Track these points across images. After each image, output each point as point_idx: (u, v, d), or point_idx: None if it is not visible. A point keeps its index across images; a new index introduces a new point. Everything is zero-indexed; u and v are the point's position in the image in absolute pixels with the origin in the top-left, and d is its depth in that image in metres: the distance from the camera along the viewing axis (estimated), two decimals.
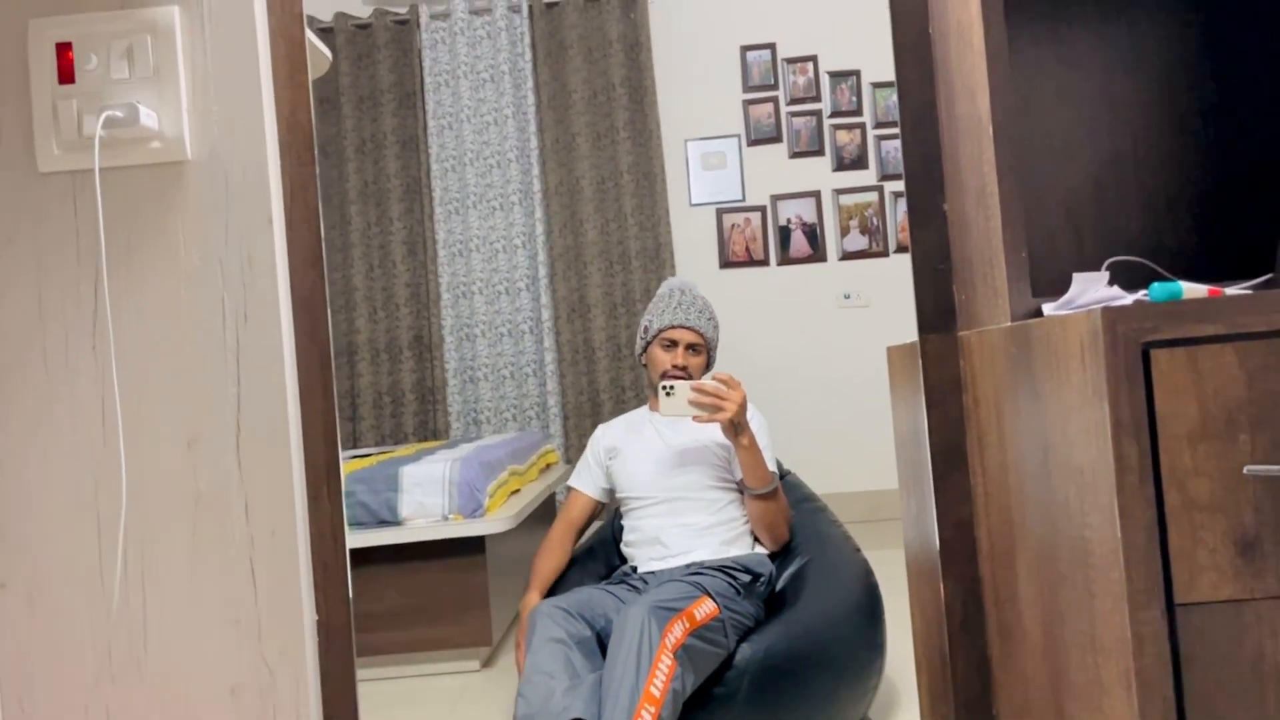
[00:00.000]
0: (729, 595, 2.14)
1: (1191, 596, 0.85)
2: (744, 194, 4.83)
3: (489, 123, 4.80)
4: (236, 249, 1.24)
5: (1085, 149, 1.30)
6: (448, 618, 2.84)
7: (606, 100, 4.77)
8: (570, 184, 4.78)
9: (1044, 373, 0.99)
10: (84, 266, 1.23)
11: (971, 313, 1.23)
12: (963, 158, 1.19)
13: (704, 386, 2.23)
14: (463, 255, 4.80)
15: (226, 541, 1.23)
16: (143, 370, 1.23)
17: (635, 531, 2.44)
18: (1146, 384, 0.86)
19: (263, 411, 1.23)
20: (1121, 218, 1.30)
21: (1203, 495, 0.85)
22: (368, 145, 4.83)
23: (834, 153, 4.80)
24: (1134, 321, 0.86)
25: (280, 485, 1.23)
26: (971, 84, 1.13)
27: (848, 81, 4.79)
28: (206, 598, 1.23)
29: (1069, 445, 0.95)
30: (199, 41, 1.23)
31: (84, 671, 1.23)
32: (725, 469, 2.42)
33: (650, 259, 4.73)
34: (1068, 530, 0.97)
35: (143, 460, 1.23)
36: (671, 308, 2.47)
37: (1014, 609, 1.15)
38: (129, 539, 1.23)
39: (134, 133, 1.19)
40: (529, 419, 4.78)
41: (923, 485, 1.38)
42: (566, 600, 2.10)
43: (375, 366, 4.78)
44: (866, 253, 4.77)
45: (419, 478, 2.90)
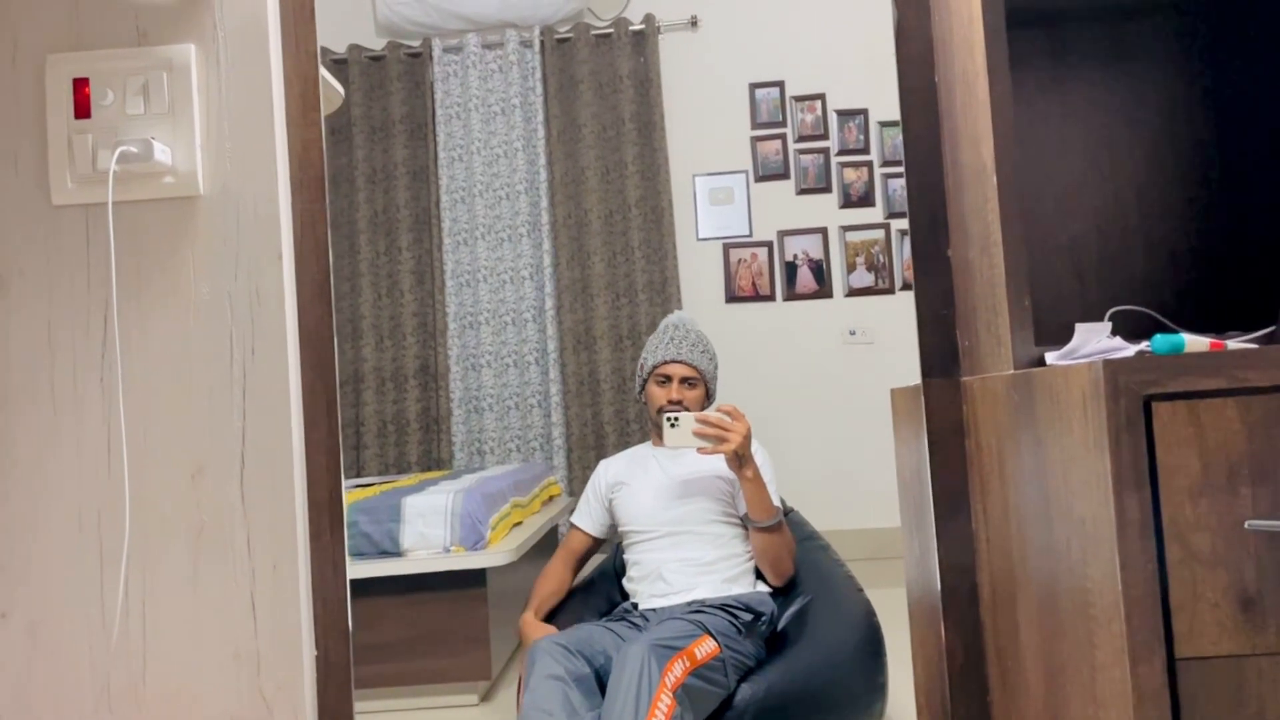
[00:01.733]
0: (730, 634, 2.13)
1: (1192, 651, 0.85)
2: (751, 229, 4.85)
3: (499, 155, 4.84)
4: (245, 283, 1.25)
5: (1088, 197, 1.30)
6: (447, 650, 2.82)
7: (616, 135, 4.80)
8: (578, 217, 4.80)
9: (1046, 422, 0.99)
10: (94, 298, 1.24)
11: (975, 358, 1.23)
12: (967, 205, 1.20)
13: (708, 418, 2.23)
14: (470, 285, 4.83)
15: (228, 574, 1.23)
16: (149, 401, 1.24)
17: (637, 566, 2.43)
18: (1148, 436, 0.86)
19: (267, 445, 1.23)
20: (1124, 265, 1.31)
21: (1204, 549, 0.85)
22: (378, 175, 4.86)
23: (841, 190, 4.83)
24: (1136, 374, 0.86)
25: (283, 519, 1.23)
26: (976, 133, 1.14)
27: (855, 120, 4.83)
28: (206, 630, 1.23)
29: (1070, 495, 0.95)
30: (214, 79, 1.25)
31: (83, 702, 1.23)
32: (729, 503, 2.41)
33: (657, 292, 4.74)
34: (1068, 580, 0.97)
35: (146, 491, 1.23)
36: (664, 343, 2.49)
37: (1015, 656, 1.15)
38: (131, 569, 1.23)
39: (148, 168, 1.21)
40: (533, 450, 4.78)
41: (925, 528, 1.37)
42: (566, 637, 2.09)
43: (380, 395, 4.79)
44: (872, 289, 4.78)
45: (421, 509, 2.89)
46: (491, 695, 2.98)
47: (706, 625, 2.10)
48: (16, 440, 1.24)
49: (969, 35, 1.14)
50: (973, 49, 1.13)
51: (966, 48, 1.15)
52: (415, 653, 2.81)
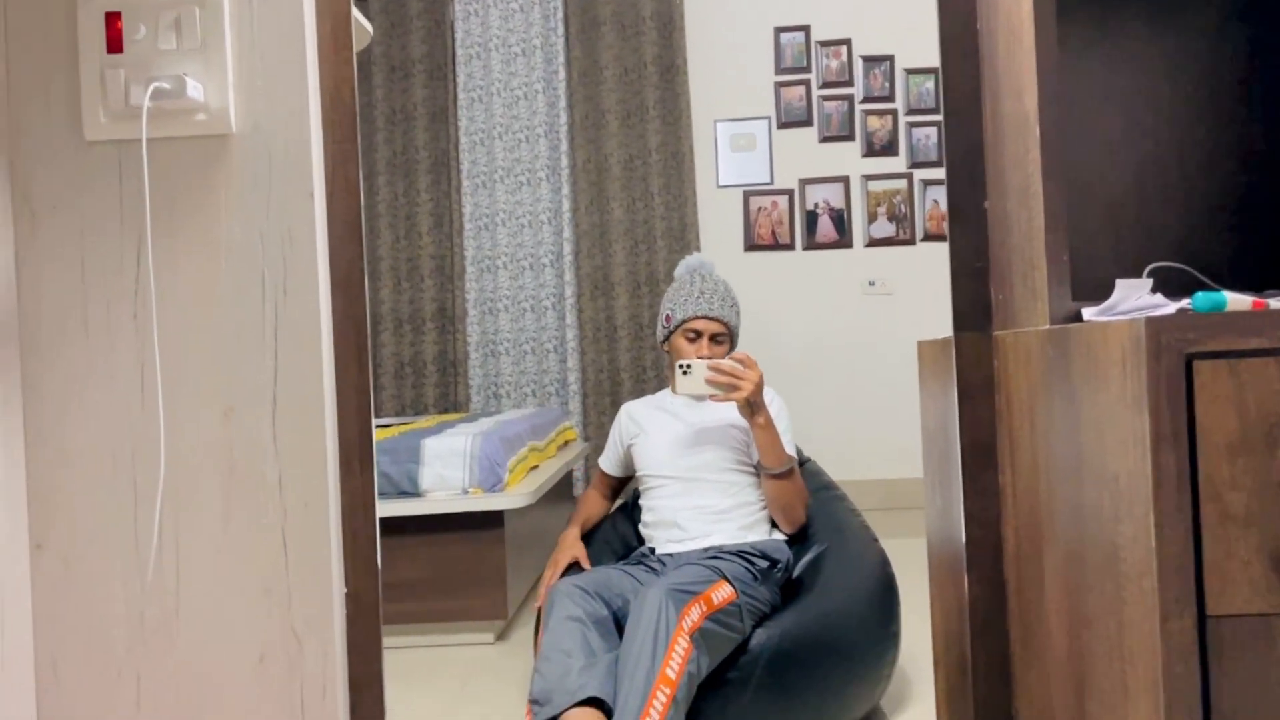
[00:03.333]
0: (746, 580, 2.15)
1: (1223, 609, 0.85)
2: (772, 177, 4.81)
3: (519, 97, 4.79)
4: (277, 223, 1.24)
5: (1129, 151, 1.29)
6: (464, 590, 2.87)
7: (638, 78, 4.75)
8: (598, 161, 4.77)
9: (1081, 378, 0.99)
10: (127, 235, 1.24)
11: (1008, 312, 1.22)
12: (1006, 156, 1.19)
13: (721, 366, 2.23)
14: (489, 229, 4.81)
15: (260, 512, 1.24)
16: (182, 339, 1.25)
17: (652, 512, 2.45)
18: (1188, 395, 0.86)
19: (299, 384, 1.24)
20: (1163, 222, 1.29)
21: (1239, 508, 0.85)
22: (398, 116, 4.83)
23: (864, 138, 4.77)
24: (1178, 332, 0.85)
25: (314, 457, 1.24)
26: (1019, 83, 1.12)
27: (881, 67, 4.76)
28: (238, 567, 1.25)
29: (1104, 452, 0.95)
30: (246, 15, 1.24)
31: (117, 636, 1.25)
32: (744, 452, 2.42)
33: (675, 239, 4.72)
34: (1098, 536, 0.97)
35: (179, 429, 1.24)
36: (694, 296, 2.46)
37: (1038, 610, 1.16)
38: (165, 506, 1.24)
39: (180, 104, 1.20)
40: (548, 395, 4.80)
41: (950, 482, 1.38)
42: (585, 579, 2.11)
43: (398, 337, 4.80)
44: (893, 240, 4.75)
45: (441, 450, 2.92)
46: (507, 634, 3.03)
47: (723, 571, 2.12)
48: (50, 375, 1.25)
49: None
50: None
51: None
52: (433, 591, 2.85)
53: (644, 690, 1.80)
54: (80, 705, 1.25)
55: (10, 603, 1.22)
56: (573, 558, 2.37)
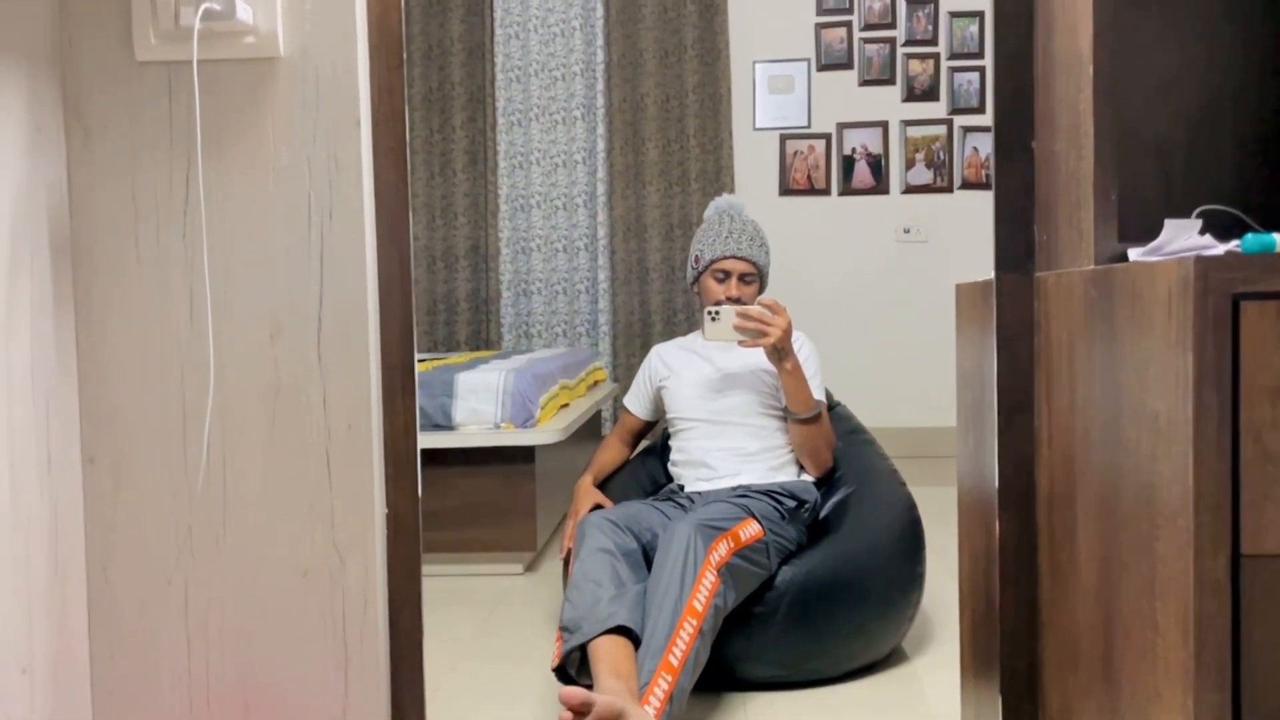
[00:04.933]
0: (773, 519, 2.17)
1: (1258, 548, 0.86)
2: (810, 120, 4.75)
3: (556, 34, 4.74)
4: (324, 148, 1.26)
5: (1181, 92, 1.27)
6: (495, 522, 2.92)
7: (676, 16, 4.68)
8: (634, 101, 4.73)
9: (1125, 318, 0.99)
10: (177, 156, 1.26)
11: (1052, 253, 1.22)
12: (1056, 95, 1.18)
13: (749, 311, 2.23)
14: (523, 168, 4.80)
15: (304, 432, 1.27)
16: (230, 262, 1.27)
17: (681, 452, 2.48)
18: (1233, 335, 0.86)
19: (343, 308, 1.26)
20: (1213, 165, 1.28)
21: (1278, 448, 0.85)
22: (434, 51, 4.79)
23: (905, 82, 4.70)
24: (1226, 272, 0.85)
25: (358, 381, 1.27)
26: (1073, 19, 1.11)
27: (925, 9, 4.66)
28: (283, 485, 1.28)
29: (1144, 392, 0.95)
30: None
31: (165, 547, 1.29)
32: (773, 396, 2.43)
33: (710, 181, 4.69)
34: (1135, 475, 0.98)
35: (227, 349, 1.27)
36: (723, 236, 2.45)
37: (1069, 549, 1.17)
38: (213, 424, 1.28)
39: (230, 26, 1.21)
40: (579, 335, 4.82)
41: (984, 423, 1.38)
42: (615, 513, 2.15)
43: (431, 274, 4.83)
44: (930, 187, 4.70)
45: (474, 385, 2.95)
46: (535, 566, 3.08)
47: (751, 509, 2.14)
48: (102, 293, 1.27)
49: None
50: None
51: None
52: (465, 522, 2.91)
53: (671, 620, 1.84)
54: (130, 611, 1.30)
55: (64, 514, 1.26)
56: (592, 504, 2.40)
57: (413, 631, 1.32)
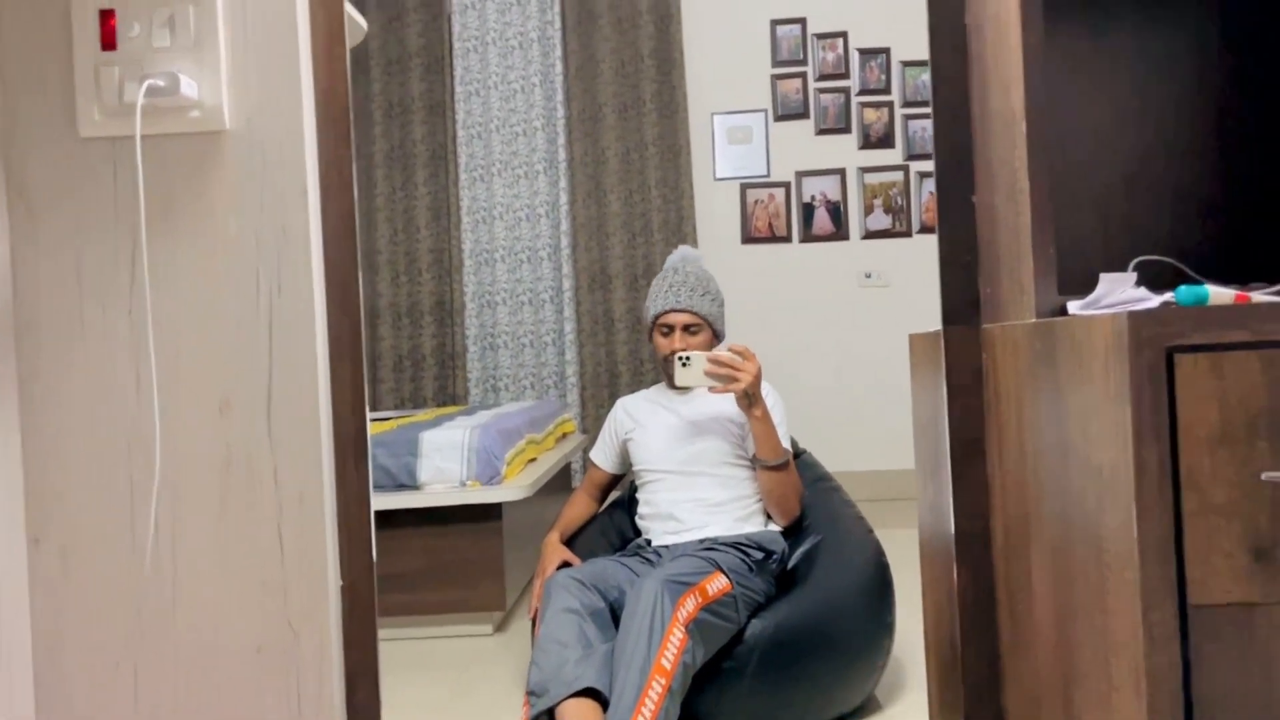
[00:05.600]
0: (741, 571, 2.16)
1: (1205, 599, 0.86)
2: (769, 169, 4.81)
3: (516, 90, 4.79)
4: (272, 219, 1.25)
5: (1117, 146, 1.29)
6: (462, 582, 2.88)
7: (634, 71, 4.75)
8: (595, 154, 4.77)
9: (1067, 371, 1.00)
10: (122, 231, 1.25)
11: (996, 306, 1.23)
12: (994, 151, 1.20)
13: (719, 357, 2.25)
14: (486, 222, 4.82)
15: (255, 505, 1.26)
16: (177, 336, 1.25)
17: (649, 505, 2.47)
18: (1169, 387, 0.87)
19: (294, 379, 1.25)
20: (1150, 216, 1.30)
21: (1220, 500, 0.86)
22: (395, 109, 4.83)
23: (861, 130, 4.78)
24: (1159, 326, 0.86)
25: (309, 452, 1.25)
26: (1007, 78, 1.13)
27: (877, 59, 4.76)
28: (234, 560, 1.26)
29: (1089, 444, 0.96)
30: (239, 12, 1.25)
31: (114, 628, 1.26)
32: (739, 445, 2.43)
33: (673, 232, 4.73)
34: (1084, 527, 0.98)
35: (175, 424, 1.25)
36: (664, 291, 2.48)
37: (1026, 601, 1.17)
38: (161, 500, 1.25)
39: (174, 101, 1.21)
40: (547, 388, 4.81)
41: (940, 473, 1.39)
42: (581, 571, 2.13)
43: (396, 330, 4.81)
44: (890, 232, 4.76)
45: (439, 443, 2.93)
46: (505, 625, 3.04)
47: (719, 562, 2.13)
48: (46, 371, 1.26)
49: None
50: None
51: None
52: (432, 583, 2.87)
53: (640, 680, 1.82)
54: (79, 696, 1.26)
55: (8, 596, 1.23)
56: (559, 561, 2.38)
57: (370, 705, 1.30)
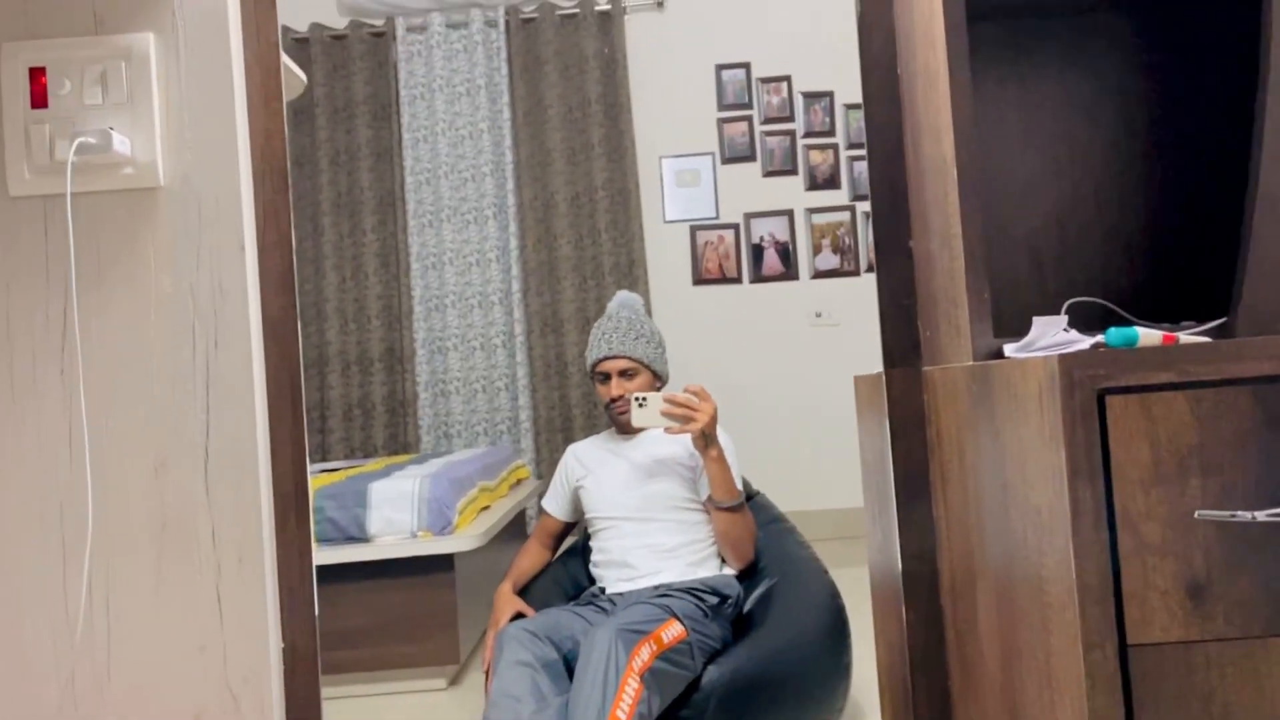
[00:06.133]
0: (696, 618, 2.15)
1: (1144, 638, 0.87)
2: (718, 211, 4.86)
3: (464, 136, 4.80)
4: (208, 275, 1.24)
5: (1047, 190, 1.32)
6: (415, 636, 2.83)
7: (582, 116, 4.78)
8: (545, 199, 4.79)
9: (1004, 413, 1.01)
10: (54, 290, 1.23)
11: (936, 348, 1.25)
12: (928, 197, 1.22)
13: (675, 398, 2.25)
14: (436, 268, 4.80)
15: (193, 567, 1.23)
16: (111, 395, 1.23)
17: (602, 553, 2.45)
18: (1102, 428, 0.88)
19: (231, 437, 1.23)
20: (1082, 256, 1.33)
21: (1155, 538, 0.87)
22: (341, 157, 4.81)
23: (807, 172, 4.84)
24: (1090, 368, 0.88)
25: (248, 512, 1.23)
26: (937, 126, 1.16)
27: (821, 102, 4.84)
28: (171, 624, 1.23)
29: (1027, 485, 0.97)
30: (174, 68, 1.24)
31: (47, 697, 1.22)
32: (691, 489, 2.43)
33: (624, 275, 4.74)
34: (1025, 568, 0.99)
35: (109, 485, 1.23)
36: (598, 340, 2.49)
37: (974, 642, 1.17)
38: (94, 564, 1.22)
39: (107, 158, 1.19)
40: (500, 433, 4.78)
41: (888, 514, 1.40)
42: (534, 622, 2.10)
43: (346, 379, 4.76)
44: (838, 271, 4.81)
45: (388, 494, 2.89)
46: (460, 679, 2.99)
47: (673, 609, 2.12)
48: None
49: (930, 28, 1.15)
50: (934, 42, 1.14)
51: (928, 41, 1.16)
52: (383, 638, 2.82)
53: None
54: None
55: None
56: (512, 613, 2.34)
57: None
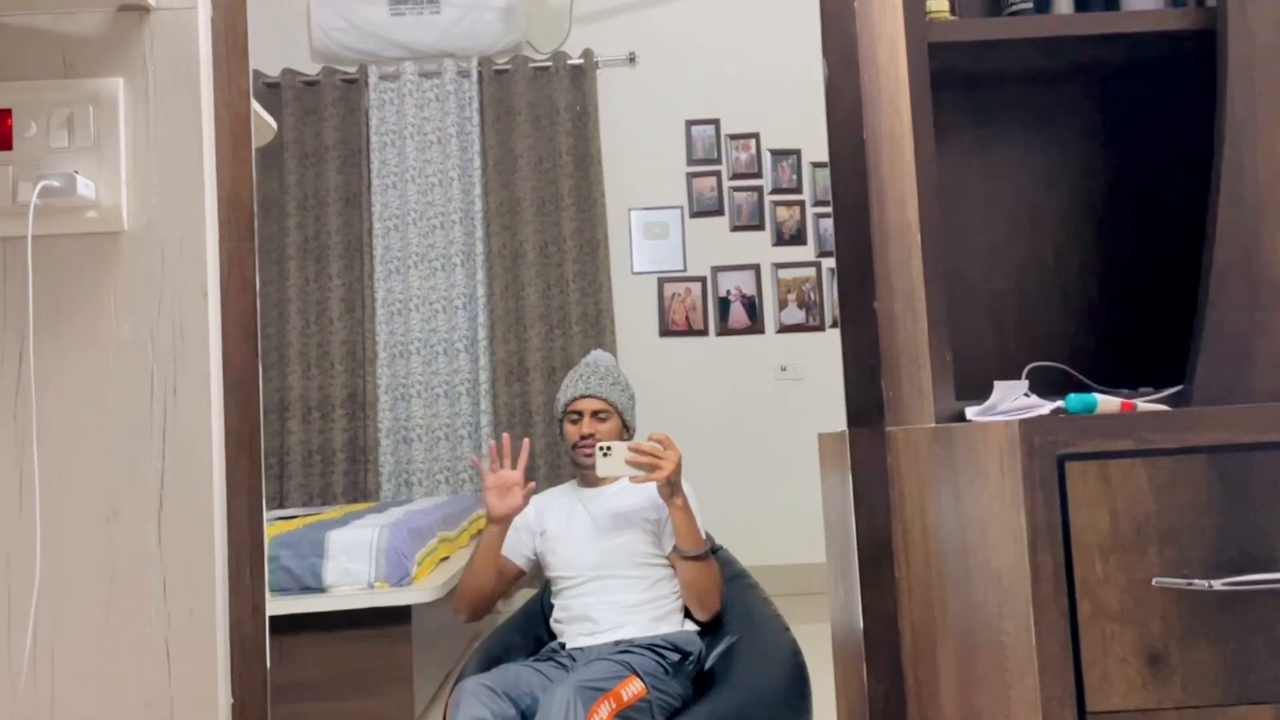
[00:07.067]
0: (657, 674, 2.12)
1: (1103, 705, 0.87)
2: (685, 264, 4.89)
3: (434, 184, 4.81)
4: (169, 321, 1.22)
5: (1009, 254, 1.35)
6: (369, 690, 2.77)
7: (552, 167, 4.82)
8: (513, 248, 4.80)
9: (965, 476, 1.02)
10: (10, 333, 1.21)
11: (899, 409, 1.26)
12: (892, 260, 1.24)
13: (641, 446, 2.24)
14: (401, 315, 4.78)
15: (142, 620, 1.20)
16: (64, 441, 1.20)
17: (565, 610, 2.42)
18: (1061, 494, 0.89)
19: (187, 487, 1.21)
20: (1043, 321, 1.35)
21: (1113, 605, 0.88)
22: (309, 202, 4.80)
23: (774, 227, 4.90)
24: (1050, 434, 0.89)
25: (201, 563, 1.20)
26: (902, 191, 1.18)
27: (788, 160, 4.91)
28: (118, 678, 1.19)
29: (988, 549, 0.97)
30: (142, 113, 1.23)
31: None
32: (655, 542, 2.41)
33: (591, 325, 4.75)
34: (986, 633, 0.99)
35: (59, 534, 1.20)
36: (573, 381, 2.50)
37: (934, 705, 1.17)
38: (40, 615, 1.19)
39: (70, 202, 1.18)
40: (462, 482, 4.73)
41: (850, 573, 1.39)
42: (491, 678, 2.06)
43: (306, 424, 4.70)
44: (803, 326, 4.85)
45: (346, 544, 2.84)
46: None
47: (634, 666, 2.09)
48: None
49: (895, 96, 1.18)
50: (899, 110, 1.16)
51: (893, 108, 1.18)
52: (336, 693, 2.75)
53: None
54: None
55: None
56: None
57: None
